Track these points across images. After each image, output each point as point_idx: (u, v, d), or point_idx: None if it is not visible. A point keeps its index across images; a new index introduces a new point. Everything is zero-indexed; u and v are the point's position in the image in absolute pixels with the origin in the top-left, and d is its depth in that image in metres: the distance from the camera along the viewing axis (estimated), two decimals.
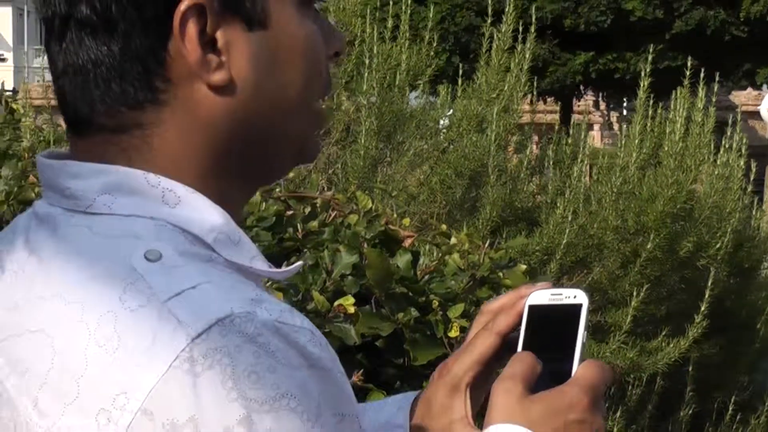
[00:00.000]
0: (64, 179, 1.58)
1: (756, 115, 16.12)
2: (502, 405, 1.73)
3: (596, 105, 22.19)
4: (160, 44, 1.59)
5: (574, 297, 1.85)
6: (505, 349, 1.88)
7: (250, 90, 1.64)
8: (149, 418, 1.41)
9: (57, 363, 1.49)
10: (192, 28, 1.55)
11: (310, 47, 1.71)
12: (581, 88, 19.95)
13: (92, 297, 1.50)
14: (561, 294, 1.89)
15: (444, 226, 4.15)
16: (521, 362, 1.76)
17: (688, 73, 6.24)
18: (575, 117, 13.34)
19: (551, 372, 1.80)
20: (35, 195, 3.75)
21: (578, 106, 21.84)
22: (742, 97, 19.47)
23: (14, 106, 6.42)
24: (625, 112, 21.16)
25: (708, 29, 19.49)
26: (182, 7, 1.54)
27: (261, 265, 1.64)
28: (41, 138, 4.68)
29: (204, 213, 1.62)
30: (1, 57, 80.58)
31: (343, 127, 5.52)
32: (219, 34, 1.58)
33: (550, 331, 1.89)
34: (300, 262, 1.98)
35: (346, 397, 1.53)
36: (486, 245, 4.06)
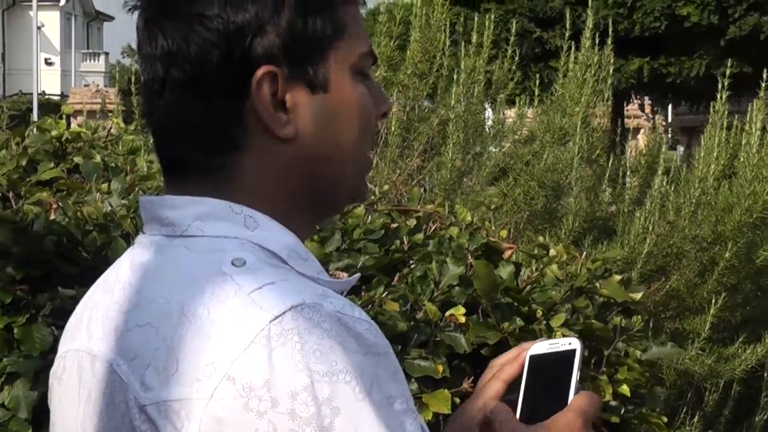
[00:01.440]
0: (163, 210, 1.97)
1: None
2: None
3: (641, 108, 22.07)
4: (239, 103, 1.94)
5: (569, 344, 2.21)
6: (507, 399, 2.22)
7: (312, 142, 1.99)
8: (231, 382, 1.75)
9: (161, 347, 1.84)
10: (266, 92, 1.91)
11: (361, 108, 2.05)
12: (632, 93, 19.83)
13: (190, 295, 1.86)
14: (558, 343, 2.25)
15: (541, 238, 4.31)
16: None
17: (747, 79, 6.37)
18: (626, 121, 13.38)
19: (551, 404, 2.15)
20: None
21: (627, 110, 21.80)
22: None
23: (65, 109, 6.52)
24: (670, 118, 21.06)
25: (762, 35, 19.42)
26: (258, 74, 1.91)
27: (326, 277, 2.00)
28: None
29: (279, 234, 1.98)
30: (49, 61, 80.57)
31: (427, 140, 5.66)
32: (287, 97, 1.95)
33: (551, 373, 2.22)
34: (357, 275, 2.42)
35: (398, 381, 1.85)
36: (583, 256, 4.23)
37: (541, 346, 2.23)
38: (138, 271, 1.97)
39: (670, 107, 20.90)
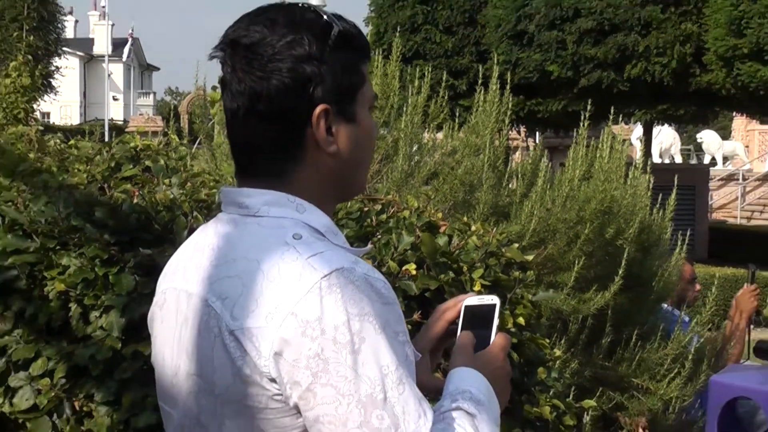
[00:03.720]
0: (240, 197, 2.15)
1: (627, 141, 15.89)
2: (461, 358, 2.21)
3: (518, 133, 22.11)
4: (302, 130, 2.12)
5: (492, 300, 2.34)
6: (448, 333, 2.40)
7: (346, 157, 2.17)
8: (294, 316, 1.94)
9: (245, 292, 2.00)
10: (322, 123, 2.11)
11: (373, 133, 2.29)
12: (513, 123, 19.86)
13: (265, 257, 2.02)
14: (484, 298, 2.37)
15: (465, 218, 4.40)
16: (467, 337, 2.26)
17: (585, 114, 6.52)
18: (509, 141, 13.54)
19: (480, 341, 2.26)
20: (204, 195, 4.06)
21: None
22: (618, 129, 19.31)
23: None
24: (538, 140, 21.14)
25: (603, 84, 19.37)
26: (317, 111, 2.09)
27: (349, 247, 2.18)
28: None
29: (319, 217, 2.15)
30: (115, 97, 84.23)
31: (385, 152, 5.78)
32: (333, 126, 2.13)
33: (479, 318, 2.33)
34: (370, 245, 3.18)
35: (401, 322, 2.04)
36: (493, 231, 4.32)
37: (473, 300, 2.39)
38: (223, 237, 2.17)
39: (537, 133, 20.87)
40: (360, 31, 2.21)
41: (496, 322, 2.28)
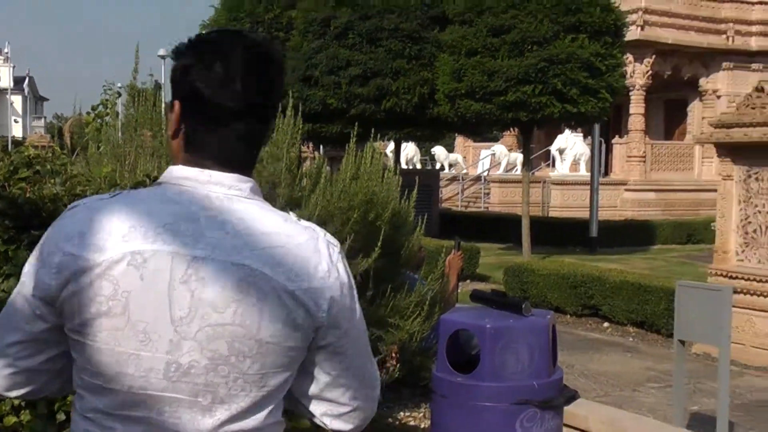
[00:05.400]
0: (235, 183, 1.78)
1: (383, 153, 15.97)
2: None
3: (308, 147, 21.99)
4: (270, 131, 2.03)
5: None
6: None
7: None
8: (336, 279, 1.79)
9: (295, 261, 1.74)
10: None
11: None
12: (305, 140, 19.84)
13: (295, 233, 1.78)
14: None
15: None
16: None
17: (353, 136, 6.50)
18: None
19: None
20: (79, 191, 4.00)
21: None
22: (377, 145, 19.02)
23: None
24: (321, 152, 21.20)
25: (366, 113, 19.43)
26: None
27: None
28: None
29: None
30: (16, 120, 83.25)
31: None
32: None
33: None
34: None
35: None
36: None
37: None
38: (236, 212, 1.77)
39: (321, 147, 20.71)
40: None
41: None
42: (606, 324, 12.65)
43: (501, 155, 37.28)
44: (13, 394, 1.88)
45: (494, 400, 4.31)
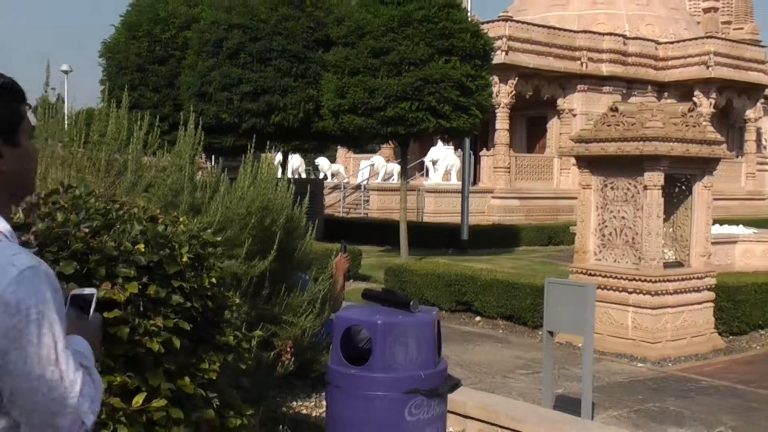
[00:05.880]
0: None
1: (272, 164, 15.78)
2: (71, 328, 1.98)
3: (203, 158, 21.71)
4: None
5: (90, 291, 2.11)
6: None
7: (14, 172, 1.93)
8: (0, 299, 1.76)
9: None
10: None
11: (31, 154, 2.03)
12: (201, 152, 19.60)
13: None
14: (84, 290, 2.13)
15: (174, 213, 4.18)
16: (72, 315, 2.05)
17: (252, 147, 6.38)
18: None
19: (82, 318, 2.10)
20: None
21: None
22: (265, 156, 18.93)
23: None
24: (214, 163, 20.85)
25: (257, 127, 19.22)
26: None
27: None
28: None
29: (3, 223, 1.91)
30: None
31: (118, 170, 5.46)
32: (2, 150, 1.90)
33: (82, 301, 2.11)
34: (34, 248, 2.79)
35: (62, 305, 1.89)
36: (194, 221, 4.15)
37: (79, 290, 2.13)
38: None
39: (213, 158, 20.26)
40: (16, 83, 1.98)
41: (94, 304, 2.11)
42: (478, 318, 12.70)
43: (379, 166, 37.42)
44: None
45: (385, 389, 4.33)
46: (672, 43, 39.44)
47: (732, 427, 7.37)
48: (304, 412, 6.18)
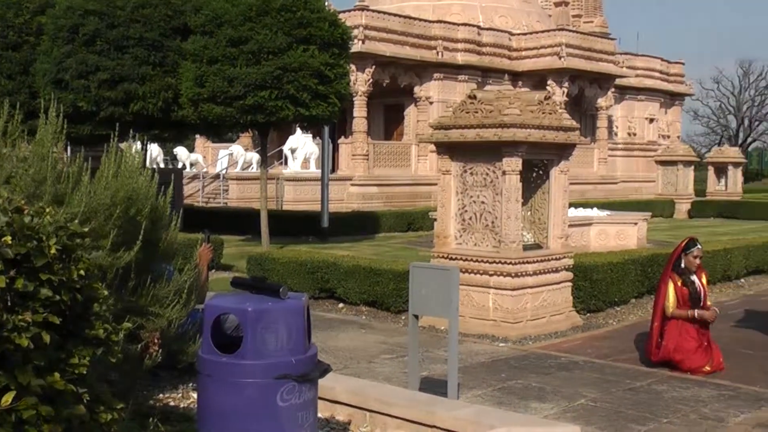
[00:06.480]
0: None
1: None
2: None
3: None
4: None
5: None
6: None
7: None
8: None
9: None
10: None
11: None
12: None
13: None
14: None
15: (40, 204, 4.06)
16: None
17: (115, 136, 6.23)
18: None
19: None
20: None
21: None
22: (123, 145, 18.50)
23: None
24: (69, 152, 20.20)
25: (116, 116, 18.80)
26: None
27: None
28: None
29: None
30: None
31: None
32: None
33: None
34: None
35: None
36: (61, 212, 4.04)
37: None
38: None
39: (69, 147, 19.56)
40: None
41: None
42: (341, 305, 12.77)
43: (238, 155, 37.10)
44: None
45: (257, 376, 4.32)
46: (525, 34, 40.74)
47: (591, 399, 7.64)
48: (172, 404, 6.09)
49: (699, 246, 9.38)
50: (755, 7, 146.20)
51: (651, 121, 49.70)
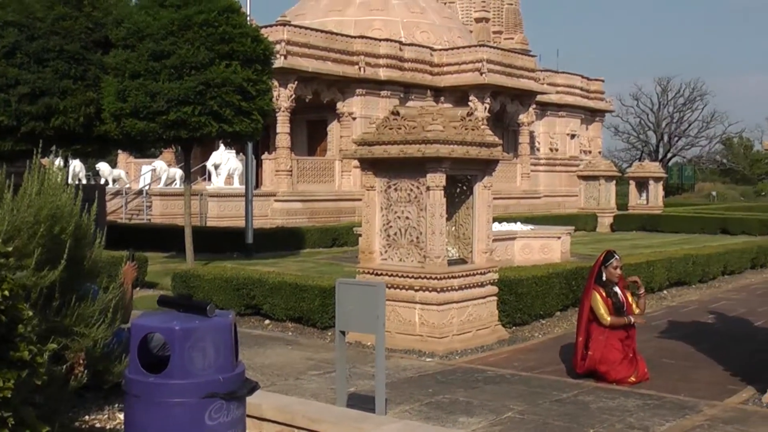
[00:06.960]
0: None
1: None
2: None
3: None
4: None
5: None
6: None
7: None
8: None
9: None
10: None
11: None
12: None
13: None
14: None
15: None
16: None
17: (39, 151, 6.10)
18: None
19: None
20: None
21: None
22: (45, 161, 18.35)
23: None
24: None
25: (36, 131, 18.45)
26: None
27: None
28: None
29: None
30: None
31: None
32: None
33: None
34: None
35: None
36: None
37: None
38: None
39: (4, 164, 19.04)
40: None
41: None
42: (267, 321, 12.71)
43: (161, 170, 36.68)
44: None
45: (185, 395, 4.30)
46: (447, 50, 41.08)
47: (519, 412, 7.68)
48: (99, 425, 6.00)
49: (617, 257, 9.58)
50: (672, 26, 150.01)
51: (572, 136, 50.51)
